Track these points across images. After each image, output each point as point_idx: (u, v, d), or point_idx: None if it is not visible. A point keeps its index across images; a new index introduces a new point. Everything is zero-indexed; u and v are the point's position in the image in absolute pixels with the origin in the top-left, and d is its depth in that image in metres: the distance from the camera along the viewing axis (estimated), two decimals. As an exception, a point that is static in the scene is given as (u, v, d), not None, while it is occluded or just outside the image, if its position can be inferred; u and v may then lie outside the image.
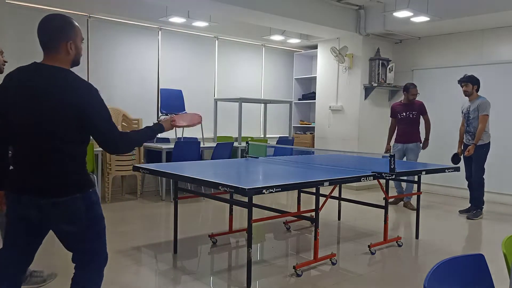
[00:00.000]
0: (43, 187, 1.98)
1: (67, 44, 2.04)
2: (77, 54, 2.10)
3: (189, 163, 4.87)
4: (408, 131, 6.19)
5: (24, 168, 2.03)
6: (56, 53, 2.04)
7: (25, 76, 2.04)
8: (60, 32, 2.05)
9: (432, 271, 1.41)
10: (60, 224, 2.05)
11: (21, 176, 2.03)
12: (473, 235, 5.04)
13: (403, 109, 6.27)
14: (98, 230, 2.13)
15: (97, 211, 2.10)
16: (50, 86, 1.96)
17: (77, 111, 1.94)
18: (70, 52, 2.05)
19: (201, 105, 7.65)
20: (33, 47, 6.74)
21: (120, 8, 6.54)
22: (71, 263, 2.19)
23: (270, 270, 3.67)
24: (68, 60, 2.06)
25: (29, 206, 2.00)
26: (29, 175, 2.00)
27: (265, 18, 6.66)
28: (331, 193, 3.84)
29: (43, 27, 2.07)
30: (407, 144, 6.19)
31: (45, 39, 2.06)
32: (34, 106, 1.96)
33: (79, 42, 2.10)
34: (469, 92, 5.60)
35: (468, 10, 6.24)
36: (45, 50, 2.07)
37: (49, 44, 2.05)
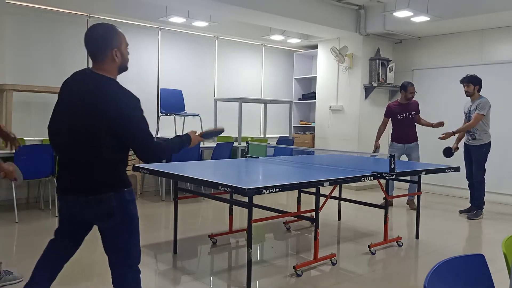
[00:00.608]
0: (80, 187, 2.14)
1: (112, 52, 2.14)
2: (123, 60, 2.20)
3: (189, 163, 4.86)
4: (408, 131, 6.15)
5: (66, 170, 2.20)
6: (102, 62, 2.15)
7: (78, 82, 2.20)
8: (105, 41, 2.14)
9: (432, 271, 1.40)
10: (95, 220, 2.21)
11: (64, 177, 2.22)
12: (473, 235, 5.04)
13: (402, 109, 6.15)
14: (130, 229, 2.22)
15: (131, 209, 2.21)
16: (96, 92, 2.09)
17: (115, 121, 2.06)
18: (116, 60, 2.16)
19: (201, 105, 7.65)
20: (33, 47, 6.78)
21: (120, 8, 6.54)
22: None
23: (270, 270, 3.66)
24: (114, 67, 2.18)
25: (73, 204, 2.20)
26: (70, 177, 2.18)
27: (265, 18, 6.66)
28: (331, 193, 3.84)
29: (88, 38, 2.18)
30: (409, 144, 6.14)
31: (91, 49, 2.17)
32: (76, 112, 2.11)
33: (125, 48, 2.20)
34: (470, 92, 5.59)
35: (468, 10, 6.24)
36: (93, 59, 2.19)
37: (96, 54, 2.16)
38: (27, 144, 5.83)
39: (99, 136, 2.08)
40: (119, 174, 2.20)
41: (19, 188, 5.84)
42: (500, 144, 6.77)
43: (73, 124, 2.12)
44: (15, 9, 5.94)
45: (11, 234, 4.59)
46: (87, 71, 2.20)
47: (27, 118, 6.11)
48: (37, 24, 6.17)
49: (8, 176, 2.51)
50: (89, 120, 2.08)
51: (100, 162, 2.12)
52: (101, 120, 2.06)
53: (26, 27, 6.08)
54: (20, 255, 3.92)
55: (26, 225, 4.92)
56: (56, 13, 6.27)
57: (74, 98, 2.15)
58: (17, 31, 6.00)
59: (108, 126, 2.06)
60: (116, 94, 2.10)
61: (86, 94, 2.11)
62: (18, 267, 3.55)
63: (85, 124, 2.08)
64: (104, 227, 2.20)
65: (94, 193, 2.12)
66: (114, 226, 2.17)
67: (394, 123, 6.26)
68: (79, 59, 6.50)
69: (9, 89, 5.31)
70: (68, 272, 3.51)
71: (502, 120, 6.74)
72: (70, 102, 2.16)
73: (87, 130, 2.08)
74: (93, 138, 2.09)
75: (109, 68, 2.16)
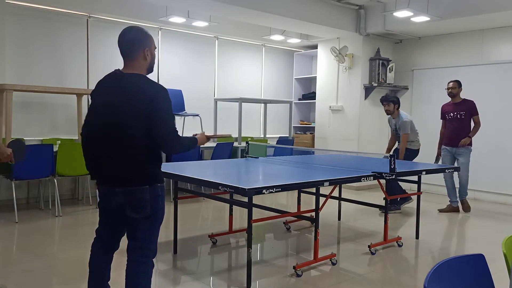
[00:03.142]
0: (117, 178, 2.30)
1: (144, 51, 2.34)
2: (152, 60, 2.40)
3: (189, 163, 4.86)
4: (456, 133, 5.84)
5: (103, 162, 2.33)
6: (134, 60, 2.33)
7: (108, 81, 2.37)
8: (139, 41, 2.34)
9: (432, 271, 1.40)
10: (128, 210, 2.32)
11: (101, 168, 2.35)
12: (473, 235, 5.04)
13: (451, 109, 5.89)
14: (155, 223, 2.39)
15: (160, 204, 2.38)
16: (128, 87, 2.26)
17: (148, 110, 2.21)
18: (147, 58, 2.36)
19: (201, 105, 7.66)
20: (33, 47, 6.78)
21: (120, 8, 6.54)
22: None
23: (270, 270, 3.66)
24: (145, 66, 2.36)
25: (108, 194, 2.37)
26: (107, 168, 2.32)
27: (265, 18, 6.66)
28: (331, 193, 3.83)
29: (123, 38, 2.36)
30: (457, 148, 5.84)
31: (125, 48, 2.35)
32: (113, 105, 2.27)
33: (153, 49, 2.40)
34: (391, 111, 5.92)
35: (468, 10, 6.24)
36: (125, 58, 2.36)
37: (129, 52, 2.34)
38: (27, 144, 5.83)
39: (139, 126, 2.23)
40: (155, 169, 2.37)
41: (19, 188, 5.85)
42: (499, 144, 6.77)
43: (115, 119, 2.26)
44: (15, 9, 5.94)
45: (11, 234, 4.59)
46: (117, 72, 2.36)
47: (27, 118, 6.11)
48: (37, 24, 6.17)
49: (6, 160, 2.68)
50: (125, 111, 2.23)
51: (139, 157, 2.28)
52: (136, 109, 2.22)
53: (26, 27, 6.08)
54: (20, 255, 3.92)
55: (26, 225, 4.92)
56: (56, 13, 6.27)
57: (110, 95, 2.30)
58: (17, 31, 6.00)
59: (143, 115, 2.21)
60: (149, 84, 2.28)
61: (122, 89, 2.27)
62: (18, 267, 3.56)
63: (126, 116, 2.23)
64: (134, 217, 2.32)
65: (131, 184, 2.28)
66: (143, 218, 2.32)
67: (445, 124, 6.03)
68: (79, 59, 6.52)
69: (9, 89, 5.31)
70: (68, 272, 3.52)
71: (502, 120, 6.75)
72: (108, 100, 2.30)
73: (127, 122, 2.24)
74: (131, 127, 2.24)
75: (139, 66, 2.34)
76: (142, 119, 2.23)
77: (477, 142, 6.07)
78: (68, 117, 6.37)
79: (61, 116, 6.39)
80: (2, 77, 5.69)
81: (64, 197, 6.18)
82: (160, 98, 2.25)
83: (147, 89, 2.26)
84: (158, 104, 2.24)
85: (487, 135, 6.85)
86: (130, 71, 2.33)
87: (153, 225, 2.39)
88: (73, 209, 5.65)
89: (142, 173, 2.31)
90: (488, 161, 6.85)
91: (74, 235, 4.67)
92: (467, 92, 5.82)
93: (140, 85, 2.27)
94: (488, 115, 6.79)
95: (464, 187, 5.97)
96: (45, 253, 3.95)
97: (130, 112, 2.23)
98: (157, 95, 2.25)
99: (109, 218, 2.49)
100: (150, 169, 2.34)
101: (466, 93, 5.86)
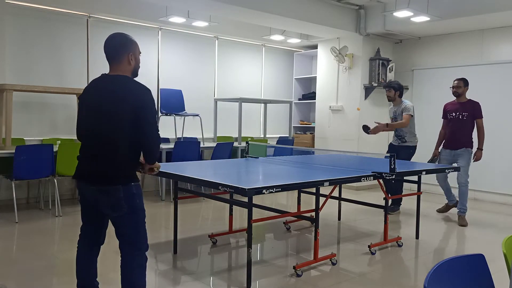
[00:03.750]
0: (95, 176, 2.41)
1: (128, 55, 2.48)
2: (136, 64, 2.53)
3: (189, 163, 4.86)
4: (456, 134, 5.51)
5: (86, 160, 2.47)
6: (119, 63, 2.46)
7: (95, 83, 2.49)
8: (123, 46, 2.48)
9: (432, 271, 1.40)
10: (105, 208, 2.45)
11: (82, 166, 2.49)
12: (473, 235, 5.04)
13: (454, 108, 5.57)
14: (137, 219, 2.47)
15: (137, 202, 2.45)
16: (114, 88, 2.40)
17: (133, 110, 2.34)
18: (131, 63, 2.49)
19: (201, 105, 7.66)
20: (33, 47, 6.76)
21: (120, 8, 6.54)
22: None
23: (270, 270, 3.66)
24: (129, 69, 2.50)
25: (86, 190, 2.49)
26: (87, 166, 2.45)
27: (265, 18, 6.66)
28: (331, 193, 3.84)
29: (109, 43, 2.49)
30: (455, 150, 5.50)
31: (110, 52, 2.48)
32: (100, 105, 2.39)
33: (138, 54, 2.54)
34: (391, 97, 5.78)
35: (468, 10, 6.24)
36: (111, 62, 2.49)
37: (114, 56, 2.47)
38: (27, 144, 5.84)
39: (122, 126, 2.35)
40: (130, 169, 2.46)
41: (19, 188, 5.85)
42: (500, 144, 6.77)
43: (101, 118, 2.37)
44: (15, 9, 5.94)
45: (11, 234, 4.59)
46: (104, 75, 2.49)
47: (27, 118, 6.11)
48: (37, 24, 6.17)
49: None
50: (113, 110, 2.35)
51: (117, 157, 2.38)
52: (124, 106, 2.34)
53: (26, 27, 6.08)
54: (20, 255, 3.92)
55: (26, 225, 4.92)
56: (56, 13, 6.27)
57: (97, 96, 2.42)
58: (17, 31, 6.00)
59: (128, 115, 2.34)
60: (134, 84, 2.44)
61: (109, 89, 2.40)
62: (18, 267, 3.56)
63: (110, 114, 2.35)
64: (113, 215, 2.44)
65: (105, 183, 2.39)
66: (122, 216, 2.42)
67: (446, 124, 5.68)
68: (79, 59, 6.52)
69: (9, 89, 5.31)
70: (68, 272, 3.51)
71: (502, 120, 6.75)
72: (95, 101, 2.42)
73: (111, 120, 2.35)
74: (116, 128, 2.35)
75: (125, 69, 2.47)
76: (126, 119, 2.35)
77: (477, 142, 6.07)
78: (68, 117, 6.37)
79: (61, 116, 6.39)
80: (2, 77, 5.69)
81: (64, 197, 6.18)
82: (145, 98, 2.40)
83: (132, 88, 2.40)
84: (144, 104, 2.38)
85: (487, 135, 6.84)
86: (116, 73, 2.46)
87: (135, 222, 2.47)
88: (73, 209, 5.65)
89: (118, 173, 2.40)
90: (488, 161, 6.84)
91: (74, 235, 4.64)
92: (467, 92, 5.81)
93: (125, 85, 2.41)
94: (488, 115, 6.78)
95: (464, 198, 5.38)
96: (45, 253, 3.95)
97: (115, 111, 2.35)
98: (143, 95, 2.39)
99: (89, 214, 2.61)
100: (126, 169, 2.44)
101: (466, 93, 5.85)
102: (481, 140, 5.42)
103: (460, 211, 5.42)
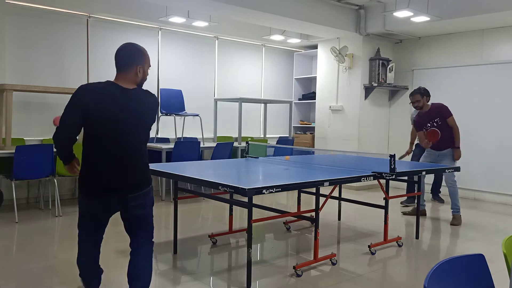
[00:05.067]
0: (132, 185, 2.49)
1: (137, 67, 2.48)
2: (143, 77, 2.54)
3: (189, 163, 4.86)
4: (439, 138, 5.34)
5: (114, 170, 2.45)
6: (128, 73, 2.47)
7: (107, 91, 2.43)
8: (133, 57, 2.49)
9: (432, 271, 1.40)
10: (139, 210, 2.54)
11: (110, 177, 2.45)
12: (473, 235, 5.04)
13: (425, 120, 5.42)
14: (152, 211, 2.67)
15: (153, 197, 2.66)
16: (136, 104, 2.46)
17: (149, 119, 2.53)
18: (138, 75, 2.50)
19: (201, 105, 7.66)
20: (33, 47, 6.76)
21: (120, 8, 6.54)
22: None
23: (270, 270, 3.66)
24: (135, 81, 2.50)
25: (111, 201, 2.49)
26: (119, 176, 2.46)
27: (265, 18, 6.66)
28: (331, 193, 3.84)
29: (120, 53, 2.50)
30: (441, 151, 5.41)
31: (120, 61, 2.49)
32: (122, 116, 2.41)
33: (147, 68, 2.55)
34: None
35: (468, 10, 6.24)
36: (119, 70, 2.49)
37: (123, 66, 2.48)
38: (27, 144, 5.84)
39: (145, 133, 2.54)
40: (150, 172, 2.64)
41: (19, 188, 5.85)
42: (500, 144, 6.77)
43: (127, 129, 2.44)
44: (15, 9, 5.94)
45: (11, 234, 4.59)
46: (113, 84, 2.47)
47: (27, 118, 6.11)
48: (37, 24, 6.17)
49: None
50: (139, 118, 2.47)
51: (145, 160, 2.56)
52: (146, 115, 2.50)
53: (26, 27, 6.08)
54: (20, 255, 3.92)
55: (26, 225, 4.92)
56: (56, 13, 6.27)
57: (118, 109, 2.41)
58: (17, 31, 6.00)
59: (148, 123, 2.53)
60: (151, 97, 2.57)
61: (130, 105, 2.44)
62: (18, 267, 3.56)
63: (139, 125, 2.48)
64: (143, 213, 2.57)
65: (144, 188, 2.54)
66: (149, 211, 2.61)
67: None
68: (79, 59, 6.52)
69: (9, 89, 5.31)
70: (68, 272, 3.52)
71: (502, 120, 6.75)
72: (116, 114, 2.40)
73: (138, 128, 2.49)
74: (142, 135, 2.52)
75: (131, 80, 2.49)
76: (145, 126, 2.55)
77: (477, 142, 6.07)
78: (68, 117, 6.35)
79: (61, 116, 6.38)
80: (2, 77, 5.69)
81: (64, 197, 6.18)
82: (156, 107, 2.62)
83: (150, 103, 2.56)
84: (154, 114, 2.60)
85: (487, 135, 6.85)
86: (125, 85, 2.46)
87: (152, 214, 2.66)
88: (73, 209, 5.65)
89: (149, 176, 2.61)
90: (488, 161, 6.84)
91: (74, 235, 4.64)
92: (467, 92, 5.81)
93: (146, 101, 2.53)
94: (488, 115, 6.80)
95: (454, 197, 5.37)
96: (45, 253, 3.95)
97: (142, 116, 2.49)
98: (155, 105, 2.60)
99: (96, 224, 2.61)
100: (149, 169, 2.65)
101: (466, 93, 5.85)
102: (456, 138, 5.32)
103: (454, 211, 5.42)
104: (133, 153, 2.47)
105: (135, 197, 2.50)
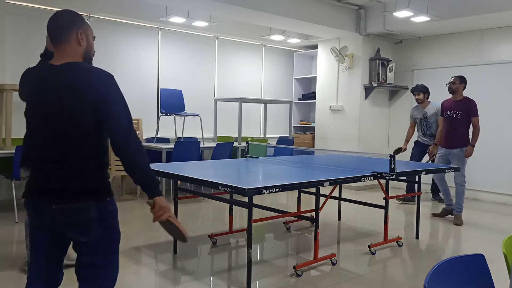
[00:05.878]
0: (57, 191, 1.80)
1: (77, 33, 1.87)
2: (89, 47, 1.93)
3: (189, 163, 4.86)
4: (451, 133, 5.44)
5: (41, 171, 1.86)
6: (66, 44, 1.87)
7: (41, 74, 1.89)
8: (70, 22, 1.88)
9: (432, 271, 1.40)
10: (70, 232, 1.85)
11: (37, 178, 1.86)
12: (473, 235, 5.04)
13: (451, 107, 5.49)
14: (112, 244, 1.91)
15: (112, 223, 1.90)
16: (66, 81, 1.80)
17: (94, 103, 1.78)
18: (81, 43, 1.89)
19: (201, 105, 7.66)
20: (33, 47, 6.75)
21: (120, 8, 6.54)
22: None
23: (270, 270, 3.66)
24: (80, 52, 1.89)
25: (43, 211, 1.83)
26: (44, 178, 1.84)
27: (265, 18, 6.66)
28: (331, 193, 3.84)
29: (52, 21, 1.90)
30: (451, 150, 5.41)
31: (55, 31, 1.89)
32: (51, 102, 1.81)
33: (91, 36, 1.95)
34: (421, 100, 6.31)
35: (468, 10, 6.24)
36: (56, 43, 1.88)
37: (59, 35, 1.87)
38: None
39: (82, 125, 1.79)
40: (104, 178, 1.88)
41: (19, 188, 5.84)
42: (500, 143, 6.77)
43: (51, 117, 1.81)
44: (15, 9, 5.94)
45: (11, 234, 4.59)
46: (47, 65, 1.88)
47: (27, 118, 6.10)
48: (37, 24, 6.17)
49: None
50: (69, 107, 1.78)
51: (82, 162, 1.81)
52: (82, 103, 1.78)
53: (26, 27, 6.08)
54: (20, 255, 3.91)
55: (26, 225, 4.92)
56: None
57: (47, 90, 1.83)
58: (17, 31, 6.00)
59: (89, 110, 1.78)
60: (91, 72, 1.83)
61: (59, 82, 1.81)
62: (18, 267, 3.56)
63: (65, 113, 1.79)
64: (81, 241, 1.86)
65: (81, 199, 1.79)
66: (93, 241, 1.84)
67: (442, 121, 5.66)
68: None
69: (9, 89, 5.31)
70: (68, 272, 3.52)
71: (502, 120, 6.75)
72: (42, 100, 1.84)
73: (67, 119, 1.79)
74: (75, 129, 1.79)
75: (74, 52, 1.88)
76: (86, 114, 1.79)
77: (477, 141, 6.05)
78: (68, 117, 6.36)
79: (61, 116, 6.38)
80: (2, 77, 5.69)
81: (64, 197, 6.17)
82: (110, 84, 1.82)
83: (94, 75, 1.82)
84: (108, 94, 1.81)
85: (487, 135, 6.85)
86: (63, 60, 1.85)
87: (110, 249, 1.90)
88: (73, 209, 5.64)
89: (89, 184, 1.82)
90: (488, 161, 6.84)
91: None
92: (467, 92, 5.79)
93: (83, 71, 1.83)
94: (488, 115, 6.79)
95: (460, 198, 5.36)
96: None
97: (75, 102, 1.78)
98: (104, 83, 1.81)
99: (43, 244, 1.89)
100: (98, 178, 1.86)
101: (466, 93, 5.84)
102: (475, 138, 5.36)
103: (456, 210, 5.40)
104: (65, 148, 1.79)
105: (64, 211, 1.78)
